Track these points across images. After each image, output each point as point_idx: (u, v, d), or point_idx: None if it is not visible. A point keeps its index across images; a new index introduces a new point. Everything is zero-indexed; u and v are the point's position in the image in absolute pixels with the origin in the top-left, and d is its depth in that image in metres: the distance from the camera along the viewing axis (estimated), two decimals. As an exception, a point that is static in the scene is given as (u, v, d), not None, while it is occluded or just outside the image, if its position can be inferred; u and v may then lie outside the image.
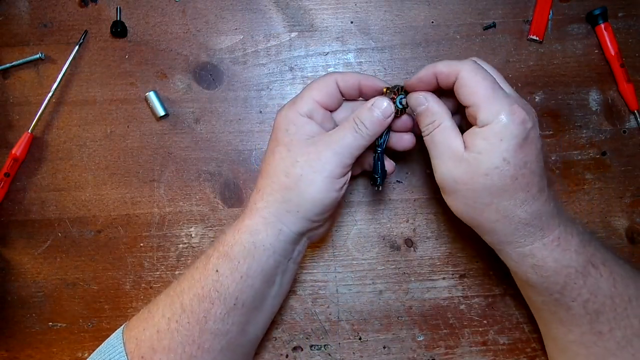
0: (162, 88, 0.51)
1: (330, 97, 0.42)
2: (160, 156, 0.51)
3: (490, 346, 0.49)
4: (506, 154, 0.36)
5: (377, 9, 0.52)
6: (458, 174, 0.38)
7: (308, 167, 0.39)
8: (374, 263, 0.50)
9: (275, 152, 0.40)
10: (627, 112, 0.52)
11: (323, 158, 0.39)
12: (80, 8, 0.52)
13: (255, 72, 0.52)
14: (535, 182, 0.37)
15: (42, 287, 0.49)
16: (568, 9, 0.52)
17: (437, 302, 0.49)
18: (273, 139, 0.42)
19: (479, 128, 0.37)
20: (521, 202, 0.37)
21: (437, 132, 0.39)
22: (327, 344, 0.49)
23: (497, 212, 0.38)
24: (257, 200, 0.41)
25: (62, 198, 0.50)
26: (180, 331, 0.39)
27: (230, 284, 0.39)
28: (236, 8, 0.52)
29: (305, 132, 0.40)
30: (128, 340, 0.40)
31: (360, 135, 0.40)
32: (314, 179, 0.39)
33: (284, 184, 0.40)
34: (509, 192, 0.37)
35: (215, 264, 0.40)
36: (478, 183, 0.37)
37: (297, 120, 0.40)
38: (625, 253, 0.50)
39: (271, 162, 0.41)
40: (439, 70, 0.39)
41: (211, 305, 0.39)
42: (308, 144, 0.40)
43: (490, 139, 0.36)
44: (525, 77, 0.52)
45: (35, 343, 0.49)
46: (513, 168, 0.36)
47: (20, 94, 0.51)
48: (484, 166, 0.36)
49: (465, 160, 0.37)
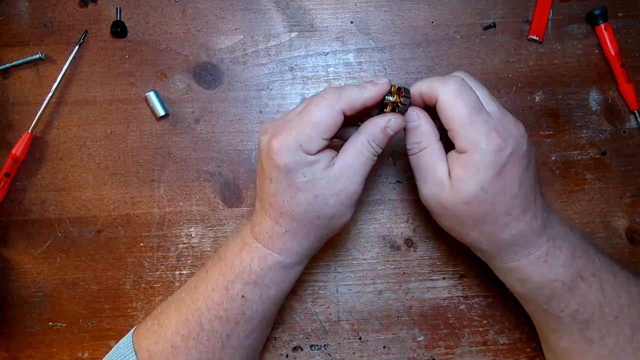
0: (162, 88, 0.51)
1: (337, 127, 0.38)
2: (160, 156, 0.51)
3: (490, 346, 0.49)
4: (483, 183, 0.36)
5: (377, 9, 0.52)
6: (441, 199, 0.38)
7: (340, 205, 0.39)
8: (374, 263, 0.50)
9: (300, 199, 0.38)
10: (627, 112, 0.52)
11: (350, 193, 0.38)
12: (80, 8, 0.52)
13: (255, 72, 0.52)
14: (517, 205, 0.37)
15: (42, 287, 0.49)
16: (568, 9, 0.52)
17: (437, 302, 0.49)
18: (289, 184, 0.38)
19: (458, 154, 0.37)
20: (503, 226, 0.37)
21: (423, 154, 0.39)
22: (327, 344, 0.49)
23: (480, 234, 0.38)
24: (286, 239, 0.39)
25: (62, 198, 0.50)
26: (198, 348, 0.39)
27: (258, 307, 0.40)
28: (236, 8, 0.52)
29: (321, 168, 0.38)
30: (139, 351, 0.40)
31: (373, 155, 0.39)
32: (344, 213, 0.39)
33: (317, 225, 0.39)
34: (489, 218, 0.37)
35: (241, 290, 0.39)
36: (459, 210, 0.37)
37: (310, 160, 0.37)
38: (625, 253, 0.50)
39: (294, 207, 0.38)
40: (422, 91, 0.39)
41: (236, 325, 0.39)
42: (331, 181, 0.38)
43: (468, 167, 0.36)
44: (525, 77, 0.52)
45: (35, 343, 0.49)
46: (492, 196, 0.36)
47: (20, 94, 0.51)
48: (463, 195, 0.37)
49: (447, 188, 0.37)
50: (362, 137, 0.38)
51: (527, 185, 0.37)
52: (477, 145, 0.36)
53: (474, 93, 0.37)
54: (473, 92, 0.37)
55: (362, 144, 0.38)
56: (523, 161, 0.37)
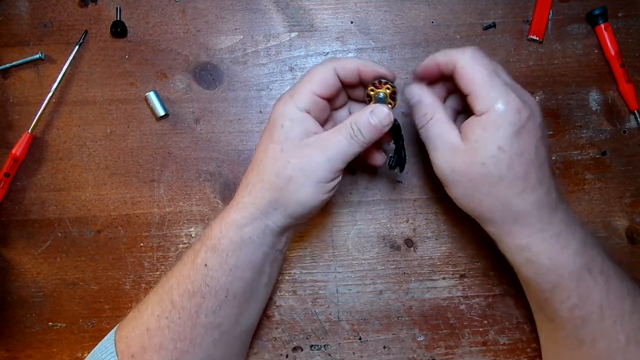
0: (162, 88, 0.51)
1: (330, 87, 0.41)
2: (160, 156, 0.51)
3: (491, 346, 0.49)
4: (501, 142, 0.36)
5: (377, 9, 0.52)
6: (456, 165, 0.38)
7: (299, 170, 0.39)
8: (374, 263, 0.50)
9: (269, 149, 0.40)
10: (627, 112, 0.52)
11: (315, 163, 0.38)
12: (80, 8, 0.52)
13: (255, 72, 0.52)
14: (533, 172, 0.37)
15: (42, 287, 0.49)
16: (568, 9, 0.52)
17: (437, 302, 0.49)
18: (267, 134, 0.41)
19: (477, 117, 0.37)
20: (519, 191, 0.37)
21: (430, 124, 0.40)
22: (327, 344, 0.49)
23: (495, 201, 0.38)
24: (244, 194, 0.40)
25: (62, 198, 0.50)
26: (171, 327, 0.38)
27: (220, 277, 0.39)
28: (236, 8, 0.52)
29: (301, 130, 0.39)
30: (119, 340, 0.40)
31: (356, 142, 0.39)
32: (303, 183, 0.39)
33: (273, 183, 0.39)
34: (505, 181, 0.37)
35: (204, 258, 0.39)
36: (475, 172, 0.37)
37: (294, 116, 0.39)
38: (625, 253, 0.50)
39: (263, 158, 0.40)
40: (438, 60, 0.40)
41: (202, 299, 0.39)
42: (302, 145, 0.39)
43: (487, 127, 0.37)
44: (525, 77, 0.52)
45: (35, 343, 0.49)
46: (508, 156, 0.36)
47: (20, 94, 0.51)
48: (480, 155, 0.37)
49: (462, 151, 0.38)
50: (347, 121, 0.40)
51: (542, 155, 0.38)
52: (497, 105, 0.36)
53: (491, 60, 0.39)
54: (491, 59, 0.39)
55: (344, 125, 0.39)
56: (538, 131, 0.38)
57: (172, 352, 0.38)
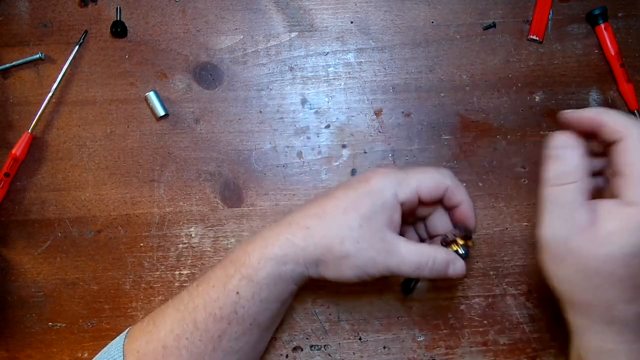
0: (162, 88, 0.51)
1: (433, 196, 0.39)
2: (160, 156, 0.51)
3: (491, 346, 0.49)
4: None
5: (377, 9, 0.52)
6: (573, 245, 0.34)
7: (361, 256, 0.38)
8: (374, 263, 0.50)
9: (349, 214, 0.38)
10: (627, 112, 0.52)
11: (376, 261, 0.38)
12: (80, 8, 0.52)
13: (255, 72, 0.52)
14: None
15: (42, 287, 0.49)
16: (568, 9, 0.52)
17: (437, 302, 0.49)
18: (353, 193, 0.39)
19: (621, 204, 0.33)
20: (629, 299, 0.34)
21: (562, 189, 0.35)
22: (327, 344, 0.49)
23: (599, 298, 0.34)
24: (298, 235, 0.39)
25: (62, 198, 0.50)
26: (189, 349, 0.38)
27: (250, 307, 0.39)
28: (236, 8, 0.52)
29: (387, 218, 0.38)
30: (129, 353, 0.39)
31: (419, 272, 0.39)
32: (355, 266, 0.38)
33: (332, 248, 0.38)
34: (622, 284, 0.33)
35: (237, 285, 0.39)
36: (593, 261, 0.33)
37: (390, 201, 0.38)
38: (626, 253, 0.50)
39: (336, 217, 0.39)
40: (604, 122, 0.35)
41: (227, 325, 0.39)
42: (378, 236, 0.38)
43: (630, 223, 0.33)
44: (525, 77, 0.52)
45: (35, 343, 0.49)
46: (639, 263, 0.33)
47: (20, 94, 0.51)
48: (609, 248, 0.33)
49: (586, 234, 0.34)
50: (432, 252, 0.39)
51: None
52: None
53: None
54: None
55: (424, 253, 0.39)
56: None
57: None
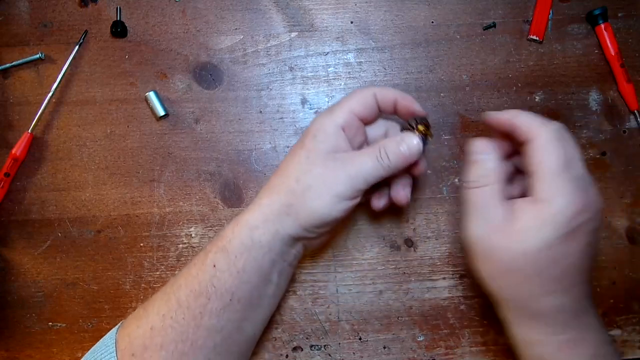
0: (162, 88, 0.51)
1: (368, 109, 0.42)
2: (160, 156, 0.51)
3: (491, 346, 0.49)
4: (552, 239, 0.34)
5: (377, 9, 0.52)
6: (492, 243, 0.36)
7: (320, 180, 0.39)
8: (374, 263, 0.50)
9: (295, 154, 0.40)
10: (627, 112, 0.52)
11: (337, 177, 0.39)
12: (80, 8, 0.52)
13: (255, 72, 0.52)
14: (569, 276, 0.35)
15: (42, 287, 0.49)
16: (568, 9, 0.52)
17: (437, 302, 0.49)
18: (299, 142, 0.41)
19: (533, 201, 0.35)
20: (548, 292, 0.35)
21: (483, 190, 0.37)
22: (327, 344, 0.49)
23: (520, 293, 0.36)
24: (263, 196, 0.41)
25: (62, 198, 0.50)
26: (174, 327, 0.38)
27: (227, 279, 0.39)
28: (236, 8, 0.52)
29: (332, 143, 0.40)
30: (121, 339, 0.40)
31: (381, 166, 0.39)
32: (321, 193, 0.39)
33: (292, 188, 0.39)
34: (539, 278, 0.35)
35: (213, 258, 0.40)
36: (511, 258, 0.35)
37: (328, 129, 0.40)
38: (626, 253, 0.50)
39: (288, 163, 0.41)
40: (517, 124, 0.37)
41: (207, 300, 0.39)
42: (328, 157, 0.39)
43: (539, 218, 0.34)
44: (525, 77, 0.52)
45: (35, 343, 0.49)
46: (552, 255, 0.34)
47: (20, 94, 0.51)
48: (523, 244, 0.35)
49: (503, 232, 0.35)
50: (377, 144, 0.40)
51: (586, 261, 0.36)
52: (558, 199, 0.34)
53: (574, 147, 0.36)
54: (573, 146, 0.36)
55: (373, 147, 0.40)
56: (590, 236, 0.35)
57: (172, 352, 0.38)
